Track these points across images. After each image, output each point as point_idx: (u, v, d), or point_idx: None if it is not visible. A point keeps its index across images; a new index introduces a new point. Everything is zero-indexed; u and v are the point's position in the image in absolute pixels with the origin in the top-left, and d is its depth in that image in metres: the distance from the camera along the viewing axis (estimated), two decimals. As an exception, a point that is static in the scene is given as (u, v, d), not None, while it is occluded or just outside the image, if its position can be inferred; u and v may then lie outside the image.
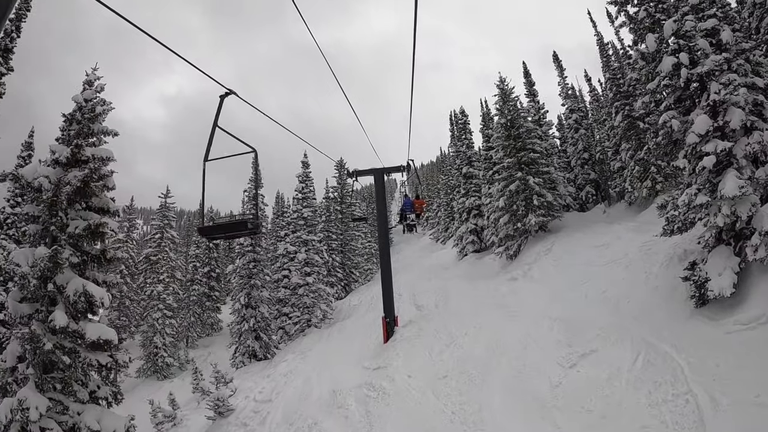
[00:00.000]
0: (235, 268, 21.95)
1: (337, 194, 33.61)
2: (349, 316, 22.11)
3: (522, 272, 14.84)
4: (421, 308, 16.00)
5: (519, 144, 17.78)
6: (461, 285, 17.79)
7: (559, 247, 15.64)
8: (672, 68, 9.30)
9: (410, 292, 20.57)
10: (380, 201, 13.63)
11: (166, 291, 30.24)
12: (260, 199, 22.32)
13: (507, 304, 12.45)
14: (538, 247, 16.44)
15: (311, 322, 20.86)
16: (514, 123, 18.51)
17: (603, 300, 10.50)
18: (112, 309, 29.85)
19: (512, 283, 14.52)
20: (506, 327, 10.43)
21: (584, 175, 24.50)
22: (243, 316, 21.68)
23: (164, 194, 34.61)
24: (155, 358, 29.77)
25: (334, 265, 30.97)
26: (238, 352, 21.83)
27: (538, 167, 17.69)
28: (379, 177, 13.54)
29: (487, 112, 24.94)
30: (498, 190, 17.70)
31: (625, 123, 20.85)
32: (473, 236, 24.22)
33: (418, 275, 25.51)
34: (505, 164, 17.38)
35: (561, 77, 27.51)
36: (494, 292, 14.28)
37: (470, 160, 26.05)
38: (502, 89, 19.66)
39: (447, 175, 41.20)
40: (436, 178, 64.43)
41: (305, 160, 22.82)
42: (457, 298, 15.53)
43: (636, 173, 19.65)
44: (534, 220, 16.35)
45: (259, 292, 21.55)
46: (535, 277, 14.02)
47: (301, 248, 20.83)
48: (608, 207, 21.76)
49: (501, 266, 18.13)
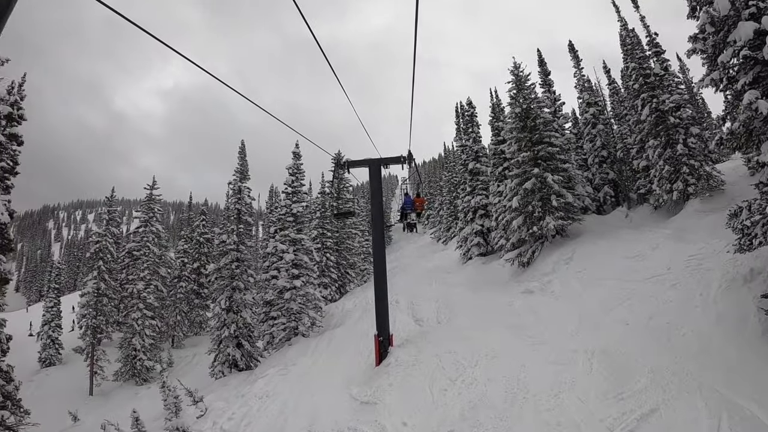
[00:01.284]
0: (216, 268, 19.88)
1: (333, 189, 31.48)
2: (341, 323, 20.06)
3: (539, 284, 12.73)
4: (421, 322, 13.92)
5: (535, 136, 15.63)
6: (466, 294, 15.71)
7: (582, 256, 13.54)
8: (753, 35, 7.16)
9: (408, 298, 18.50)
10: (376, 196, 11.51)
11: (147, 289, 28.21)
12: (246, 192, 20.20)
13: (525, 324, 10.35)
14: (556, 254, 14.33)
15: (298, 330, 18.80)
16: (530, 113, 16.36)
17: (649, 329, 8.40)
18: (87, 306, 27.80)
19: (528, 297, 12.41)
20: (528, 359, 8.34)
21: (602, 175, 22.33)
22: (223, 321, 19.64)
23: (150, 185, 32.50)
24: (134, 361, 27.87)
25: (328, 265, 28.92)
26: (217, 360, 19.81)
27: (556, 163, 15.56)
28: (375, 169, 11.41)
29: (497, 103, 22.76)
30: (510, 188, 15.57)
31: (653, 117, 18.70)
32: (479, 238, 22.11)
33: (418, 279, 23.44)
34: (520, 159, 15.23)
35: (577, 68, 25.32)
36: (507, 307, 12.18)
37: (477, 155, 23.90)
38: (516, 75, 17.49)
39: (450, 172, 39.03)
40: (438, 174, 62.27)
41: (296, 150, 20.67)
42: (463, 311, 13.44)
43: (665, 173, 17.53)
44: (552, 224, 14.23)
45: (241, 295, 19.49)
46: (556, 292, 11.91)
47: (288, 248, 18.73)
48: (630, 210, 19.63)
49: (511, 274, 16.03)
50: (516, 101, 16.69)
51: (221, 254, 19.85)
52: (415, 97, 6.79)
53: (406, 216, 14.00)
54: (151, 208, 32.14)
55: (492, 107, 22.20)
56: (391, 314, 17.05)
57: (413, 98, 7.47)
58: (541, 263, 14.47)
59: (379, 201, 11.57)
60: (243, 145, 21.52)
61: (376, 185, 11.39)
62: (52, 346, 33.84)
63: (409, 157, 11.00)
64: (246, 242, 19.94)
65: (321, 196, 30.63)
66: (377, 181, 11.39)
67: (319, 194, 30.88)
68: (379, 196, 11.52)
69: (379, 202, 11.56)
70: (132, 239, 32.22)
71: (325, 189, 31.13)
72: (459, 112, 27.81)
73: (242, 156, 21.15)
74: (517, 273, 15.71)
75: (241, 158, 21.08)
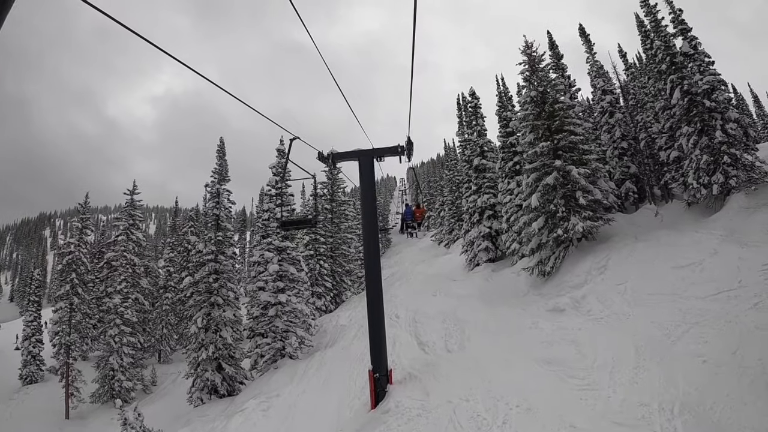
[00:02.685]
0: (192, 281, 17.58)
1: (327, 191, 29.22)
2: (333, 341, 17.72)
3: (570, 300, 10.42)
4: (426, 347, 11.59)
5: (555, 124, 13.36)
6: (478, 310, 13.40)
7: (619, 265, 11.25)
8: None
9: (410, 313, 16.19)
10: (368, 197, 9.24)
11: (125, 303, 25.88)
12: (226, 195, 17.91)
13: (561, 358, 8.05)
14: (585, 262, 12.03)
15: (285, 351, 16.49)
16: (547, 97, 14.09)
17: (740, 370, 6.12)
18: (60, 323, 25.45)
19: (558, 317, 10.10)
20: (577, 415, 6.04)
21: (623, 169, 20.05)
22: (201, 342, 17.33)
23: (130, 191, 30.19)
24: (111, 381, 25.58)
25: (322, 273, 26.61)
26: (195, 386, 17.49)
27: (579, 154, 13.28)
28: (367, 162, 9.12)
29: (504, 91, 20.49)
30: (527, 184, 13.27)
31: (685, 101, 16.46)
32: (487, 242, 19.82)
33: (420, 287, 21.11)
34: (538, 150, 12.93)
35: (589, 53, 23.07)
36: (532, 331, 9.88)
37: (483, 150, 21.63)
38: (529, 56, 15.23)
39: (452, 170, 36.79)
40: (438, 173, 59.96)
41: (281, 147, 18.38)
42: (476, 333, 11.13)
43: (703, 164, 15.27)
44: (580, 225, 11.92)
45: (221, 312, 17.19)
46: (594, 311, 9.59)
47: (273, 257, 16.43)
48: (659, 207, 17.34)
49: (530, 285, 13.72)
50: (530, 84, 14.42)
51: (198, 265, 17.58)
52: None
53: (406, 227, 14.13)
54: (131, 215, 29.83)
55: (499, 95, 19.93)
56: (391, 332, 14.75)
57: (413, 75, 5.40)
58: (567, 273, 12.16)
59: (372, 204, 9.27)
60: (222, 143, 19.23)
61: (368, 182, 9.10)
62: (33, 362, 31.61)
63: (409, 146, 8.72)
64: (226, 251, 17.64)
65: (313, 199, 28.28)
66: (369, 177, 9.09)
67: (311, 197, 28.55)
68: (372, 197, 9.23)
69: (372, 205, 9.26)
70: (111, 248, 29.96)
71: (318, 191, 28.78)
72: (461, 105, 25.54)
73: (221, 155, 18.85)
74: (537, 284, 13.40)
75: (220, 157, 18.78)
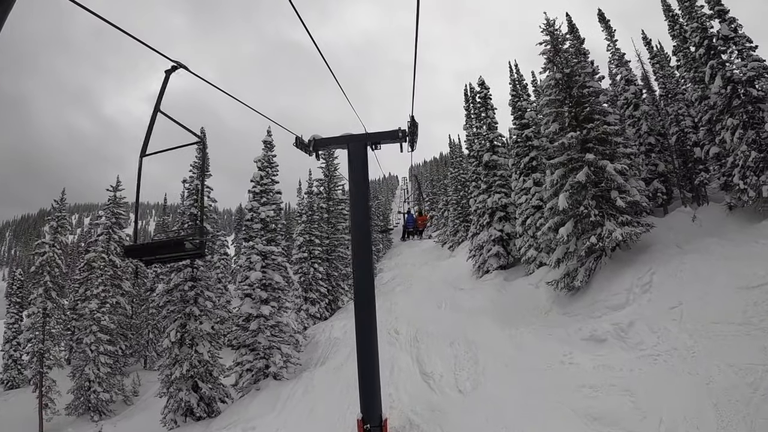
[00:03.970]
0: (165, 289, 15.58)
1: (324, 188, 27.18)
2: (324, 359, 15.72)
3: (612, 328, 8.35)
4: (431, 381, 9.54)
5: (585, 110, 11.27)
6: (493, 330, 11.34)
7: (666, 281, 9.18)
8: None
9: (412, 329, 14.16)
10: (358, 192, 7.10)
11: (102, 308, 23.92)
12: (206, 193, 15.91)
13: (613, 413, 6.01)
14: (624, 277, 9.96)
15: (268, 370, 14.49)
16: (574, 81, 12.02)
17: None
18: (33, 329, 23.52)
19: (598, 348, 8.04)
20: None
21: (650, 167, 17.95)
22: (175, 357, 15.35)
23: (113, 186, 28.15)
24: (87, 393, 23.64)
25: (316, 277, 24.58)
26: (168, 407, 15.51)
27: (614, 148, 11.21)
28: (358, 150, 6.99)
29: (518, 79, 18.38)
30: (552, 182, 11.18)
31: (728, 89, 14.41)
32: (498, 247, 17.74)
33: (423, 296, 19.08)
34: (565, 141, 10.84)
35: (610, 40, 21.06)
36: (567, 367, 7.83)
37: (493, 144, 19.54)
38: (552, 34, 13.14)
39: (457, 168, 34.69)
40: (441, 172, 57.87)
41: (269, 139, 16.31)
42: (494, 364, 9.09)
43: (751, 162, 13.22)
44: (618, 232, 9.84)
45: (197, 325, 15.19)
46: (646, 343, 7.53)
47: (255, 263, 14.42)
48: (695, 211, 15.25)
49: (553, 302, 11.66)
50: (552, 64, 12.31)
51: (172, 271, 15.62)
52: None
53: (408, 234, 14.12)
54: (114, 213, 27.83)
55: (512, 84, 17.82)
56: (389, 353, 12.75)
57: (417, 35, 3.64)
58: (601, 289, 10.09)
59: (364, 202, 7.16)
60: (204, 148, 17.19)
61: (360, 174, 6.98)
62: (14, 366, 29.90)
63: (412, 130, 6.65)
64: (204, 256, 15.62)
65: (308, 197, 26.29)
66: (361, 168, 6.97)
67: (306, 194, 26.55)
68: (364, 193, 7.10)
69: (364, 204, 7.15)
70: (92, 248, 27.99)
71: (313, 189, 26.79)
72: (469, 96, 23.45)
73: (201, 148, 16.82)
74: (562, 300, 11.34)
75: (200, 151, 16.76)
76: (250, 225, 14.86)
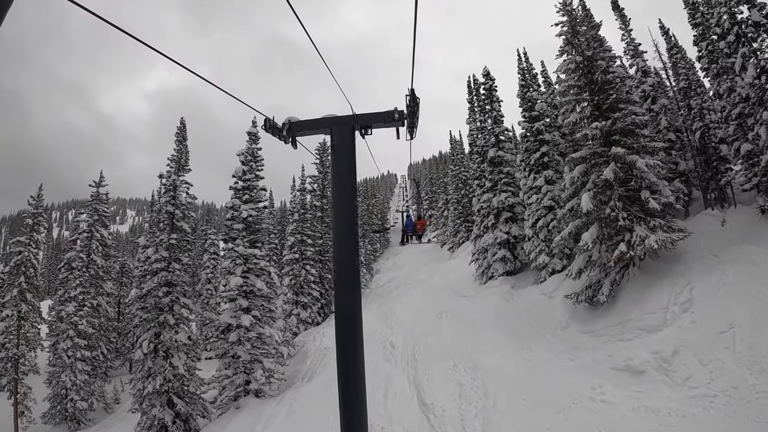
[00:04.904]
0: (137, 295, 14.12)
1: (317, 185, 25.72)
2: (312, 372, 14.27)
3: (652, 357, 6.89)
4: (431, 414, 8.04)
5: (611, 98, 9.80)
6: (503, 349, 9.89)
7: (710, 298, 7.74)
8: None
9: (409, 344, 12.69)
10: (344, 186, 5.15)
11: (80, 312, 22.46)
12: (184, 189, 14.45)
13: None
14: (658, 292, 8.51)
15: (249, 386, 13.04)
16: (596, 65, 10.55)
17: None
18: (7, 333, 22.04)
19: (635, 382, 6.60)
20: None
21: (670, 165, 16.50)
22: (148, 370, 13.90)
23: (96, 182, 26.66)
24: (64, 401, 22.21)
25: (308, 280, 23.14)
26: (141, 425, 14.07)
27: (641, 141, 9.74)
28: (344, 134, 4.80)
29: (528, 68, 16.88)
30: (572, 179, 9.70)
31: (762, 79, 13.00)
32: (505, 251, 16.28)
33: (422, 303, 17.59)
34: (588, 133, 9.37)
35: (624, 30, 19.59)
36: (598, 405, 6.39)
37: (499, 139, 18.06)
38: (569, 13, 11.66)
39: (458, 165, 33.23)
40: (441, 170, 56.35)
41: (254, 130, 14.82)
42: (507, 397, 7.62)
43: (792, 158, 11.81)
44: (653, 239, 8.38)
45: (172, 335, 13.73)
46: (696, 380, 6.09)
47: (235, 268, 12.96)
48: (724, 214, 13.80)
49: (571, 316, 10.20)
50: (572, 47, 10.83)
51: (145, 275, 14.17)
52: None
53: (407, 239, 13.86)
54: (96, 210, 26.32)
55: (521, 73, 16.31)
56: (384, 371, 11.26)
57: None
58: (632, 306, 8.64)
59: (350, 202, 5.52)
60: (183, 125, 15.73)
61: (344, 164, 4.99)
62: (-5, 368, 28.12)
63: (412, 110, 4.88)
64: (181, 258, 14.16)
65: (301, 194, 24.81)
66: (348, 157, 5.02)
67: (299, 192, 25.06)
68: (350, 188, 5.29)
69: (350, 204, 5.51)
70: (72, 247, 26.52)
71: (306, 185, 25.32)
72: (472, 88, 21.95)
73: (180, 140, 15.33)
74: (582, 315, 9.88)
75: (179, 143, 15.26)
76: (231, 225, 13.38)
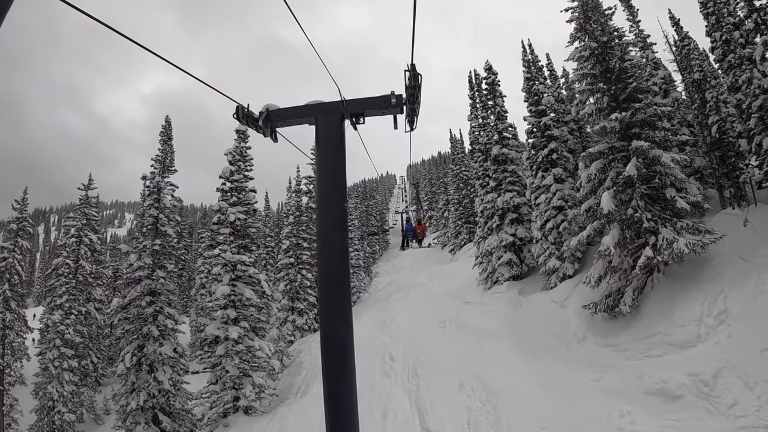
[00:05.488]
0: (120, 304, 13.21)
1: (313, 187, 24.79)
2: (307, 385, 13.33)
3: (688, 377, 5.99)
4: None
5: (630, 87, 8.92)
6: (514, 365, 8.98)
7: (748, 309, 6.86)
8: None
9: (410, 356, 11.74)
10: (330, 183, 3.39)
11: (66, 320, 21.54)
12: (169, 191, 13.53)
13: None
14: (689, 302, 7.61)
15: (238, 403, 12.13)
16: (611, 52, 9.66)
17: None
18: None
19: (671, 410, 5.72)
20: None
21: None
22: (132, 385, 12.98)
23: (85, 185, 25.70)
24: (51, 413, 21.28)
25: (303, 285, 22.23)
26: (123, 443, 13.15)
27: (666, 134, 8.85)
28: (331, 123, 3.25)
29: (533, 60, 16.01)
30: (588, 177, 8.81)
31: (787, 68, 12.14)
32: (510, 254, 15.38)
33: (424, 309, 16.68)
34: (607, 125, 8.49)
35: (633, 21, 18.72)
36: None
37: (503, 136, 17.18)
38: (580, -2, 10.76)
39: (459, 165, 32.35)
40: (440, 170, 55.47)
41: (242, 128, 13.95)
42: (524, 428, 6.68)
43: (823, 152, 10.94)
44: (682, 242, 7.49)
45: (156, 347, 12.81)
46: (745, 409, 5.24)
47: (223, 275, 12.05)
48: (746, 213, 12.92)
49: (588, 327, 9.29)
50: (585, 32, 9.94)
51: (128, 283, 13.28)
52: None
53: (407, 243, 14.01)
54: (84, 214, 25.40)
55: (526, 66, 15.41)
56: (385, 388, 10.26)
57: None
58: (659, 317, 7.75)
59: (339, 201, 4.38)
60: (168, 123, 14.81)
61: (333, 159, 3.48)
62: (-16, 377, 27.08)
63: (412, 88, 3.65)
64: (166, 265, 13.25)
65: (296, 196, 23.90)
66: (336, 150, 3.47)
67: (294, 193, 24.14)
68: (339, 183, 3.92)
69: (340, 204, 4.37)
70: (60, 252, 25.62)
71: (302, 186, 24.41)
72: (474, 83, 21.07)
73: (165, 139, 14.42)
74: (600, 326, 8.98)
75: (164, 142, 14.36)
76: (217, 229, 12.47)
